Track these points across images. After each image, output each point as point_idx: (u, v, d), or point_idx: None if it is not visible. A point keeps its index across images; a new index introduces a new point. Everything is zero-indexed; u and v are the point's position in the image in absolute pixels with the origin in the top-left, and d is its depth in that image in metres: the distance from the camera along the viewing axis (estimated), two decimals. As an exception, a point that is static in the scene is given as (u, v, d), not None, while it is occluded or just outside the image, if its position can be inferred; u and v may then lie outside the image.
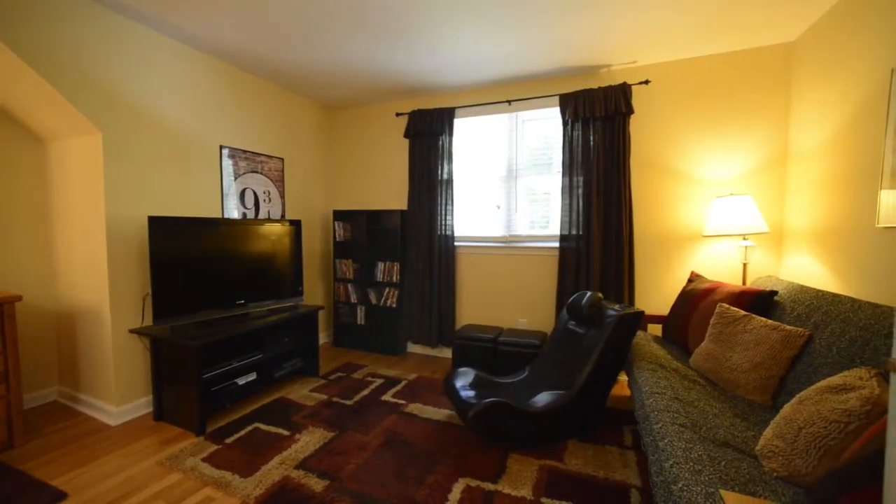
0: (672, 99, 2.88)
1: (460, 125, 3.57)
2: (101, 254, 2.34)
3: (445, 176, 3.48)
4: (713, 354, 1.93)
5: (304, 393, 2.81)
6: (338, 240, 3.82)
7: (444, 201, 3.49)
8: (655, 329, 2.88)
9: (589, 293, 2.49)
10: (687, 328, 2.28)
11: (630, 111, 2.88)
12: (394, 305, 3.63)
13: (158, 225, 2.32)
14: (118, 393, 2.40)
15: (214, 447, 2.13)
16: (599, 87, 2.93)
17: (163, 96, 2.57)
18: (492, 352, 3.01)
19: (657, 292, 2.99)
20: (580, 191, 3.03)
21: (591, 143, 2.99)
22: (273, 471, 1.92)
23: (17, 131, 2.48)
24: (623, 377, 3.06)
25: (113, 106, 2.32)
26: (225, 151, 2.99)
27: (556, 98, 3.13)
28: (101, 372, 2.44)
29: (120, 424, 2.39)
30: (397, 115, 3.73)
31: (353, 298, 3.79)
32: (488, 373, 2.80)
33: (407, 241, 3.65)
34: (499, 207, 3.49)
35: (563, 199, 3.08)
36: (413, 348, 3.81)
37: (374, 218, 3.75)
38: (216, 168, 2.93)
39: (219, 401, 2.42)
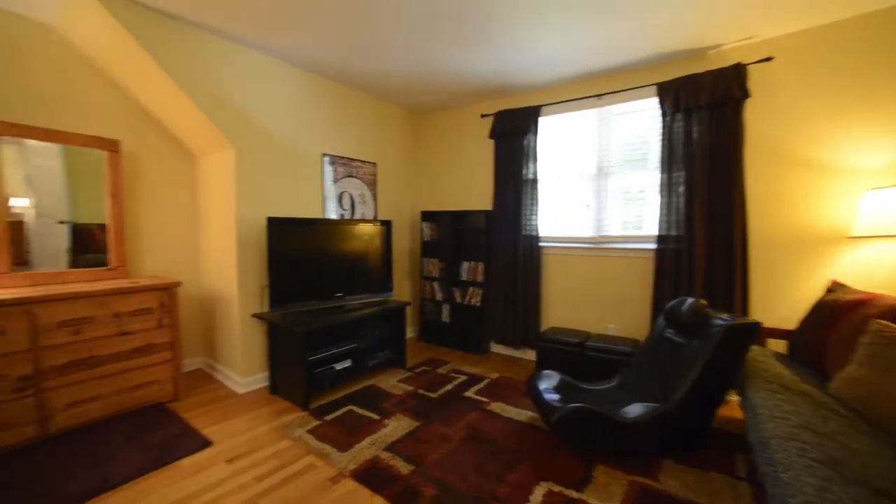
0: (803, 76, 2.46)
1: (546, 123, 3.48)
2: (232, 249, 2.78)
3: (531, 175, 3.43)
4: (865, 380, 1.61)
5: (392, 383, 3.00)
6: (425, 239, 4.00)
7: (529, 201, 3.45)
8: (777, 345, 2.48)
9: (691, 299, 2.26)
10: (824, 346, 1.93)
11: (745, 95, 2.53)
12: (478, 304, 3.68)
13: (274, 225, 2.68)
14: (243, 366, 2.83)
15: (316, 422, 2.39)
16: (707, 72, 2.63)
17: (276, 112, 2.96)
18: (578, 356, 2.89)
19: (779, 303, 2.58)
20: (681, 188, 2.75)
21: (695, 134, 2.69)
22: (365, 450, 2.10)
23: (178, 149, 3.07)
24: (734, 397, 2.70)
25: (242, 124, 2.75)
26: (326, 159, 3.33)
27: (653, 88, 2.88)
28: (231, 348, 2.90)
29: (245, 393, 2.81)
30: (482, 116, 3.78)
31: (439, 296, 3.93)
32: (574, 378, 2.69)
33: (492, 242, 3.68)
34: (588, 207, 3.33)
35: (660, 197, 2.83)
36: (496, 348, 3.82)
37: (459, 218, 3.85)
38: (319, 174, 3.29)
39: (320, 382, 2.71)
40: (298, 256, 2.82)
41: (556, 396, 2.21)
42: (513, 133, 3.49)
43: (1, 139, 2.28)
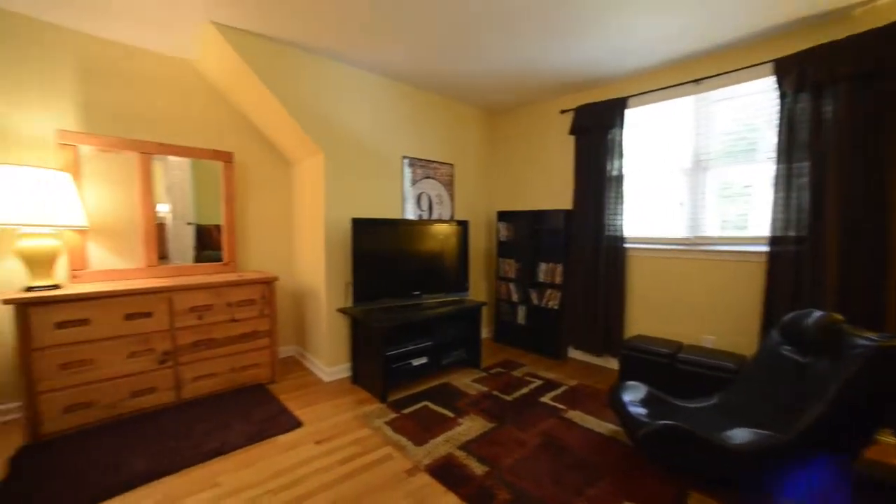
0: None
1: (633, 115, 3.22)
2: (320, 248, 3.03)
3: (615, 172, 3.20)
4: None
5: (466, 382, 3.02)
6: (501, 239, 3.96)
7: (613, 200, 3.22)
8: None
9: (818, 312, 1.92)
10: None
11: (903, 62, 2.06)
12: (555, 307, 3.55)
13: (358, 225, 2.86)
14: (329, 357, 3.06)
15: (393, 414, 2.50)
16: (849, 37, 2.19)
17: (359, 119, 3.15)
18: (668, 369, 2.62)
19: (946, 320, 2.07)
20: (804, 180, 2.35)
21: (828, 115, 2.28)
22: (440, 446, 2.13)
23: (277, 158, 3.43)
24: (890, 438, 2.21)
25: (330, 131, 2.97)
26: (405, 161, 3.46)
27: (768, 66, 2.50)
28: (319, 339, 3.16)
29: (330, 381, 3.04)
30: (562, 112, 3.62)
31: (515, 297, 3.86)
32: (663, 392, 2.45)
33: (571, 242, 3.51)
34: (682, 205, 3.01)
35: (775, 191, 2.45)
36: (574, 354, 3.64)
37: (537, 218, 3.74)
38: (399, 176, 3.43)
39: (397, 376, 2.82)
40: (379, 255, 2.98)
41: (642, 410, 2.03)
42: (595, 128, 3.29)
43: (152, 156, 2.75)
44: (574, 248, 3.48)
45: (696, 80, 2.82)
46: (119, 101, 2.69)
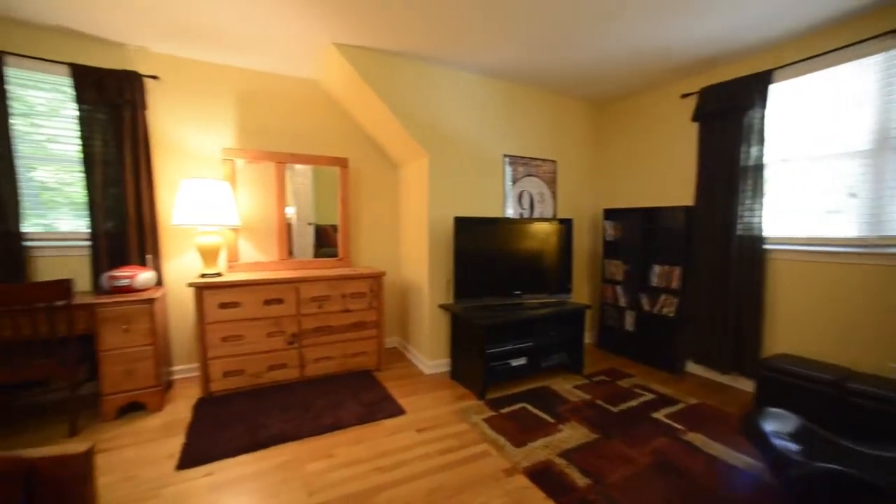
0: None
1: (778, 91, 2.70)
2: (424, 246, 3.17)
3: (752, 161, 2.73)
4: None
5: (567, 387, 2.87)
6: (607, 239, 3.68)
7: (749, 193, 2.75)
8: None
9: None
10: None
11: None
12: (671, 315, 3.16)
13: (460, 224, 2.93)
14: (430, 351, 3.19)
15: (491, 412, 2.49)
16: None
17: (460, 119, 3.21)
18: (830, 400, 2.13)
19: None
20: None
21: None
22: (539, 450, 2.06)
23: (385, 162, 3.70)
24: None
25: (433, 134, 3.09)
26: (506, 159, 3.43)
27: None
28: (420, 333, 3.32)
29: (430, 374, 3.17)
30: (682, 96, 3.21)
31: (622, 301, 3.55)
32: (823, 427, 2.00)
33: (694, 242, 3.10)
34: (854, 196, 2.42)
35: None
36: (694, 368, 3.20)
37: (650, 216, 3.38)
38: (499, 174, 3.42)
39: (496, 375, 2.81)
40: (480, 253, 3.01)
41: (793, 446, 1.68)
42: (727, 111, 2.84)
43: (285, 165, 3.21)
44: (697, 248, 3.06)
45: (893, 31, 2.21)
46: (261, 120, 3.19)
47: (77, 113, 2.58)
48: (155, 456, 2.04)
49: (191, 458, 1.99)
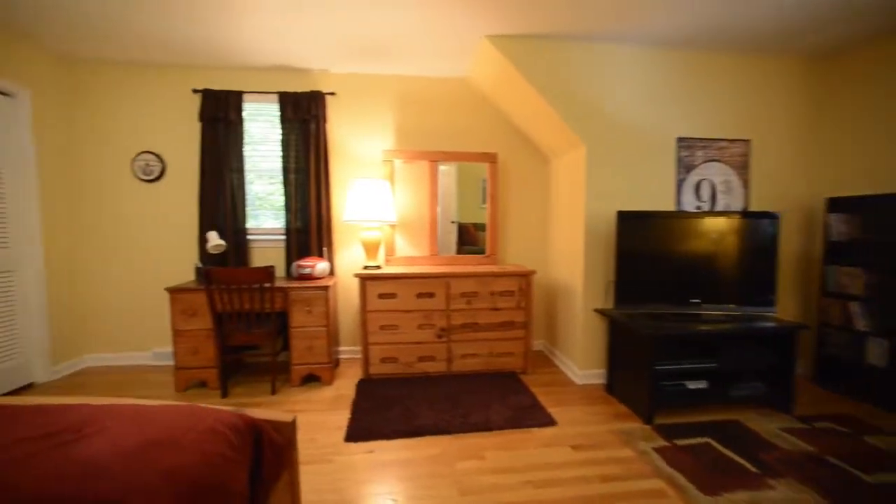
0: None
1: None
2: (579, 243, 2.88)
3: None
4: None
5: (770, 428, 2.22)
6: (832, 238, 2.75)
7: None
8: None
9: None
10: None
11: None
12: (955, 349, 2.16)
13: (624, 219, 2.55)
14: (582, 359, 2.88)
15: (663, 442, 2.08)
16: None
17: (623, 101, 2.80)
18: None
19: None
20: None
21: None
22: (740, 506, 1.60)
23: (535, 156, 3.52)
24: None
25: (591, 120, 2.77)
26: (680, 144, 2.87)
27: None
28: (571, 338, 3.03)
29: (581, 385, 2.86)
30: None
31: (861, 325, 2.59)
32: None
33: None
34: None
35: None
36: None
37: (912, 205, 2.39)
38: (671, 161, 2.88)
39: (665, 397, 2.35)
40: (648, 253, 2.57)
41: None
42: None
43: (437, 163, 3.32)
44: None
45: None
46: (414, 121, 3.37)
47: (280, 136, 3.17)
48: (328, 424, 2.30)
49: (356, 432, 2.17)
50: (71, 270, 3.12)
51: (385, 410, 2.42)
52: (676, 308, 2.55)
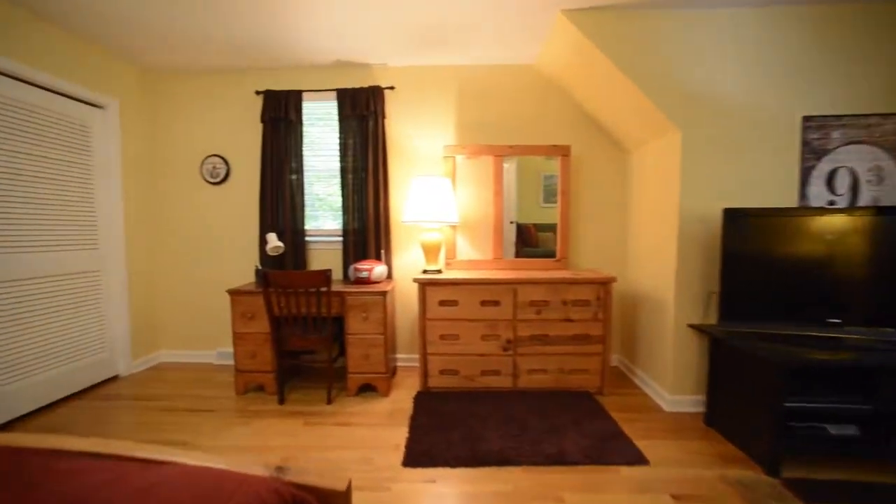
0: None
1: None
2: (670, 246, 2.44)
3: None
4: None
5: (953, 494, 1.67)
6: None
7: None
8: None
9: None
10: None
11: None
12: None
13: (733, 217, 2.10)
14: (672, 382, 2.44)
15: (798, 502, 1.62)
16: None
17: (727, 77, 2.32)
18: None
19: None
20: None
21: None
22: None
23: (611, 147, 3.11)
24: None
25: (689, 102, 2.33)
26: (807, 124, 2.32)
27: None
28: (658, 357, 2.59)
29: (671, 412, 2.43)
30: None
31: None
32: None
33: None
34: None
35: None
36: None
37: None
38: (793, 146, 2.34)
39: (796, 442, 1.87)
40: (765, 260, 2.09)
41: None
42: None
43: (502, 159, 3.04)
44: None
45: None
46: (476, 113, 3.11)
47: (338, 134, 3.06)
48: (385, 442, 2.12)
49: (415, 456, 1.96)
50: (148, 271, 3.27)
51: (446, 430, 2.19)
52: (804, 328, 2.04)
